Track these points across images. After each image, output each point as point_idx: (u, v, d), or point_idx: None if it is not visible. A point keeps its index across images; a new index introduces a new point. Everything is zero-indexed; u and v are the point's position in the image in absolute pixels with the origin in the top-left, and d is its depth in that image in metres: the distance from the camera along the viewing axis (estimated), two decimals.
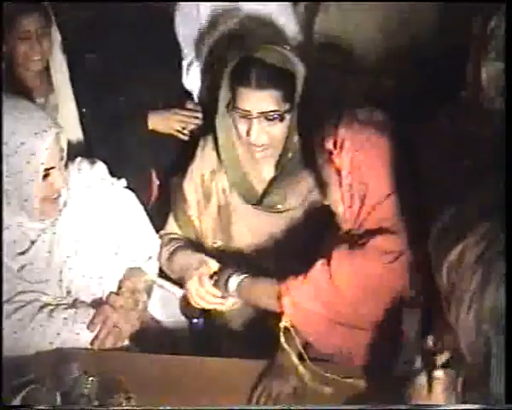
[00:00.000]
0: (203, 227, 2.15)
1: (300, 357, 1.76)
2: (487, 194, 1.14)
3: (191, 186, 2.15)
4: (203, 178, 2.14)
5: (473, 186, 1.41)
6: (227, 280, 1.90)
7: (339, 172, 1.71)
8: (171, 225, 2.19)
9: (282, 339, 1.76)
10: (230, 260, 2.03)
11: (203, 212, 2.15)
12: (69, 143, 1.97)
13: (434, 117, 1.80)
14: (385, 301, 1.70)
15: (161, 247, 2.14)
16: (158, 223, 2.19)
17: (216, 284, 1.94)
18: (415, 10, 2.41)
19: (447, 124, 1.74)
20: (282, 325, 1.77)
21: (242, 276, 1.89)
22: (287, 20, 2.63)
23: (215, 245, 2.12)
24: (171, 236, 2.17)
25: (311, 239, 1.91)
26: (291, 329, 1.76)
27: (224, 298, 1.94)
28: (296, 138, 2.01)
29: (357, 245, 1.71)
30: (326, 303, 1.73)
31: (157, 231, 2.17)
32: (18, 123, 1.78)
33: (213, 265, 1.98)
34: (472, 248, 1.08)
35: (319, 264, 1.74)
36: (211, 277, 1.95)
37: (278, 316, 1.80)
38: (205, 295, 1.95)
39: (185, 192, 2.16)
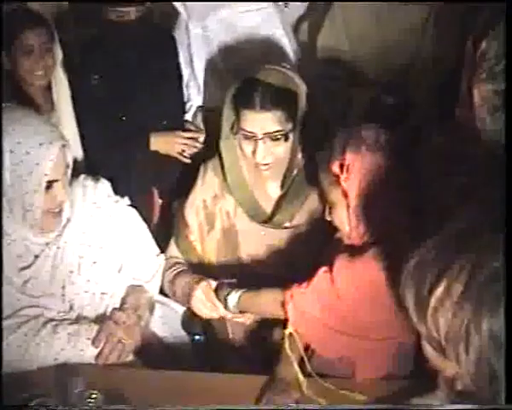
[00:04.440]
0: (206, 251, 2.17)
1: (302, 364, 1.79)
2: (481, 212, 1.12)
3: (193, 212, 2.17)
4: (205, 203, 2.15)
5: (465, 204, 1.43)
6: (226, 299, 1.93)
7: (346, 194, 1.74)
8: (173, 250, 2.20)
9: (287, 346, 1.78)
10: (233, 274, 2.04)
11: (205, 236, 2.17)
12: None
13: (431, 134, 1.83)
14: (386, 308, 1.72)
15: (164, 270, 2.15)
16: (160, 242, 2.21)
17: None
18: (412, 29, 2.45)
19: (442, 142, 1.77)
20: (287, 331, 1.79)
21: (240, 292, 1.91)
22: (287, 36, 2.66)
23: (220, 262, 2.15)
24: (174, 260, 2.18)
25: (315, 250, 1.94)
26: (295, 336, 1.79)
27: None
28: (300, 156, 2.04)
29: (358, 253, 1.74)
30: (328, 309, 1.76)
31: (160, 251, 2.18)
32: (24, 133, 1.81)
33: (212, 283, 2.00)
34: (457, 278, 1.01)
35: (322, 271, 1.77)
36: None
37: (281, 327, 1.83)
38: (210, 306, 1.98)
39: (186, 218, 2.17)
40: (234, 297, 1.92)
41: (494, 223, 1.05)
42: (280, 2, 2.70)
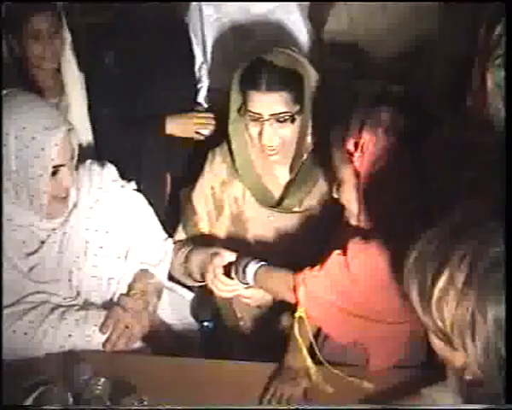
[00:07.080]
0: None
1: (312, 351, 1.76)
2: (487, 202, 1.10)
3: (201, 199, 2.15)
4: (214, 190, 2.14)
5: (473, 195, 1.41)
6: (245, 268, 1.89)
7: (357, 173, 1.71)
8: (180, 236, 2.18)
9: (296, 330, 1.75)
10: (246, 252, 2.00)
11: (214, 223, 2.15)
12: (79, 145, 1.98)
13: (439, 125, 1.80)
14: (400, 292, 1.68)
15: (175, 252, 2.12)
16: (169, 226, 2.18)
17: (234, 273, 1.91)
18: (420, 16, 2.41)
19: (451, 132, 1.74)
20: (296, 315, 1.76)
21: (259, 264, 1.88)
22: (297, 23, 2.65)
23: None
24: (182, 243, 2.16)
25: (325, 234, 1.92)
26: (305, 320, 1.76)
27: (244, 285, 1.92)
28: (309, 140, 2.01)
29: (372, 237, 1.71)
30: (341, 293, 1.73)
31: (168, 235, 2.16)
32: (30, 118, 1.80)
33: (227, 255, 1.95)
34: (459, 267, 1.02)
35: (335, 254, 1.74)
36: (225, 267, 1.92)
37: (291, 313, 1.81)
38: (222, 287, 1.93)
39: (195, 205, 2.16)
40: (252, 268, 1.88)
41: (494, 211, 1.05)
42: None
